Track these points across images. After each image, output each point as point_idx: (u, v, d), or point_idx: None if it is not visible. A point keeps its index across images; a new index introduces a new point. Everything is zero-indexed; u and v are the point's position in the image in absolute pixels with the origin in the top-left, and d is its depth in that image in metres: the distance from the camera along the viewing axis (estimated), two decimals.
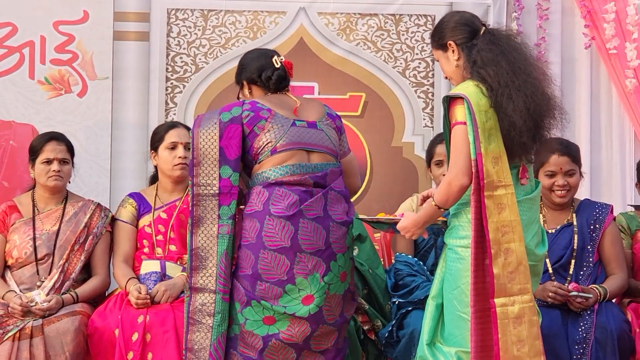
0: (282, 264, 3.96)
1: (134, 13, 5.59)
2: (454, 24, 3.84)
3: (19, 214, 4.75)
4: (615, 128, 5.82)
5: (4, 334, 4.37)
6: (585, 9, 5.73)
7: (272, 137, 4.04)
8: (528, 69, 3.76)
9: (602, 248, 4.72)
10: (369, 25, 5.68)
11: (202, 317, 4.02)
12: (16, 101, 5.52)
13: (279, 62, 4.21)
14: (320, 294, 3.98)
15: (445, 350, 3.77)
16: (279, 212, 3.96)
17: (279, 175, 4.01)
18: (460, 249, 3.77)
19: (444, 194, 3.75)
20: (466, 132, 3.70)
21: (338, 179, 4.11)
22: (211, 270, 4.01)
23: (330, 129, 4.16)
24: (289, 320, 3.98)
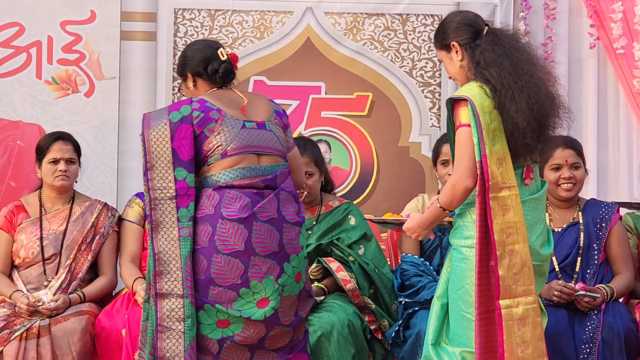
0: (236, 268, 3.91)
1: (141, 13, 5.60)
2: (457, 25, 3.83)
3: (26, 214, 4.76)
4: (622, 127, 5.81)
5: (11, 333, 4.37)
6: (591, 8, 5.72)
7: (223, 140, 3.97)
8: (531, 69, 3.75)
9: (609, 247, 4.71)
10: (375, 25, 5.68)
11: (171, 323, 3.92)
12: (23, 101, 5.52)
13: (225, 55, 4.12)
14: (275, 297, 3.95)
15: (450, 351, 3.77)
16: (232, 215, 3.91)
17: (229, 179, 3.96)
18: (464, 249, 3.77)
19: (449, 196, 3.74)
20: (470, 134, 3.70)
21: (287, 179, 4.08)
22: (176, 274, 3.91)
23: (278, 128, 4.11)
24: (243, 323, 3.95)
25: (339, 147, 5.68)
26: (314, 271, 4.68)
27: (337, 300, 4.59)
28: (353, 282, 4.61)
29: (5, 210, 4.78)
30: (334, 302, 4.59)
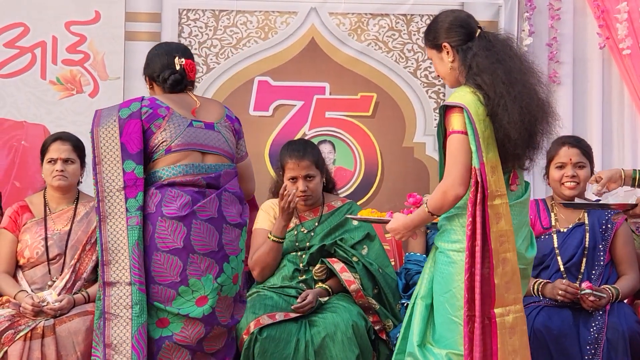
0: (175, 266, 3.95)
1: (146, 13, 5.60)
2: (449, 25, 3.76)
3: (30, 214, 4.76)
4: (627, 128, 5.80)
5: (16, 333, 4.37)
6: (598, 9, 5.71)
7: (168, 136, 4.05)
8: (524, 77, 3.71)
9: (614, 248, 4.71)
10: (380, 25, 5.68)
11: (119, 310, 3.98)
12: (28, 101, 5.53)
13: (179, 65, 4.19)
14: (213, 295, 3.99)
15: (436, 352, 3.75)
16: (171, 213, 3.96)
17: (171, 175, 4.02)
18: (452, 253, 3.74)
19: (439, 202, 3.70)
20: (464, 141, 3.65)
21: (233, 180, 4.11)
22: (124, 262, 3.99)
23: (227, 131, 4.17)
24: (182, 322, 3.98)
25: (343, 148, 5.68)
26: (318, 272, 4.68)
27: (341, 301, 4.59)
28: (357, 283, 4.61)
29: (10, 210, 4.78)
30: (338, 302, 4.59)
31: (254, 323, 4.47)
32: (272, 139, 5.62)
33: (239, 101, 5.61)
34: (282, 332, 4.46)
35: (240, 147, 4.26)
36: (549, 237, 4.71)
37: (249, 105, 5.62)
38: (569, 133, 5.58)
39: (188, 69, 4.21)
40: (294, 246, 4.78)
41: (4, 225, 4.75)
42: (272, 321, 4.47)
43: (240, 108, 5.60)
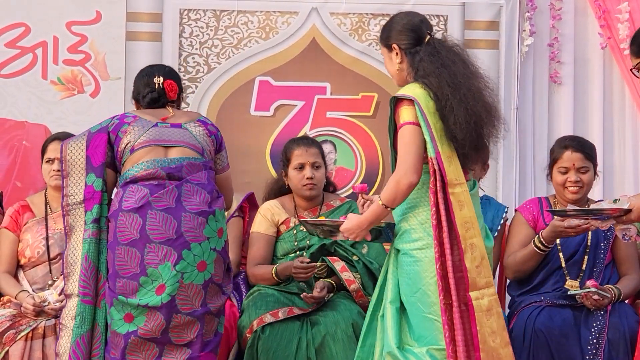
0: (134, 257, 4.02)
1: (147, 13, 5.60)
2: (401, 28, 3.88)
3: (31, 214, 4.77)
4: (628, 128, 5.80)
5: (17, 333, 4.38)
6: (599, 9, 5.71)
7: (132, 137, 4.14)
8: (469, 82, 3.81)
9: (616, 248, 4.70)
10: (381, 25, 5.65)
11: (67, 321, 4.12)
12: (29, 101, 5.53)
13: (157, 83, 4.29)
14: (172, 283, 4.01)
15: (417, 351, 3.79)
16: (129, 206, 4.04)
17: (134, 173, 4.09)
18: (415, 252, 3.78)
19: (392, 193, 3.75)
20: (415, 131, 3.73)
21: (199, 172, 4.14)
22: (77, 275, 4.12)
23: (198, 129, 4.22)
24: (145, 315, 4.02)
25: (345, 148, 5.68)
26: (319, 270, 4.68)
27: (342, 300, 4.59)
28: (357, 283, 4.61)
29: (11, 210, 4.79)
30: (339, 301, 4.59)
31: (257, 321, 4.47)
32: (273, 139, 5.62)
33: (240, 101, 5.61)
34: (285, 331, 4.46)
35: (221, 158, 4.32)
36: None
37: (250, 105, 5.62)
38: (570, 133, 5.59)
39: (167, 88, 4.29)
40: (294, 246, 4.78)
41: (5, 225, 4.76)
42: (275, 319, 4.47)
43: (241, 108, 5.61)
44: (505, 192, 5.63)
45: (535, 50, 5.75)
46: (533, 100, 5.78)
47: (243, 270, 4.93)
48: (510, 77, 5.67)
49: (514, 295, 4.76)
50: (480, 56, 5.60)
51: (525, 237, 4.70)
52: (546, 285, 4.64)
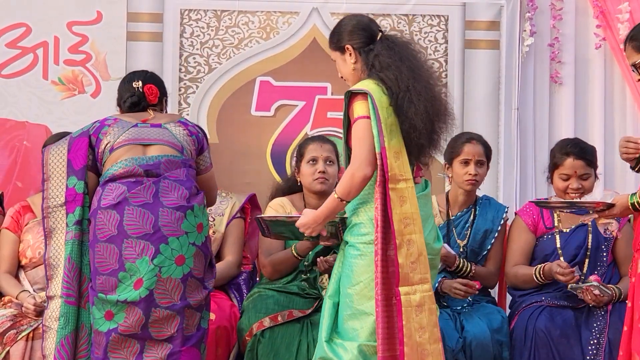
0: (112, 253, 4.04)
1: (147, 14, 5.60)
2: (352, 28, 3.95)
3: (32, 214, 4.77)
4: (629, 128, 5.80)
5: (18, 333, 4.38)
6: (598, 9, 5.71)
7: (111, 138, 4.18)
8: (426, 76, 3.90)
9: (616, 249, 4.71)
10: (382, 25, 5.65)
11: (51, 322, 4.13)
12: (30, 102, 5.53)
13: (137, 88, 4.34)
14: (150, 277, 4.03)
15: (347, 345, 3.83)
16: (106, 204, 4.06)
17: (113, 171, 4.12)
18: (362, 245, 3.84)
19: (347, 186, 3.82)
20: (369, 125, 3.80)
21: (178, 169, 4.16)
22: (60, 277, 4.13)
23: (178, 129, 4.25)
24: (124, 312, 4.03)
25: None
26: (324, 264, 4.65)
27: None
28: None
29: (12, 210, 4.79)
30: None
31: (257, 325, 4.47)
32: (273, 139, 5.62)
33: (241, 101, 5.61)
34: (285, 334, 4.46)
35: (204, 159, 4.32)
36: (551, 237, 4.71)
37: (251, 105, 5.62)
38: (571, 133, 5.59)
39: (147, 92, 4.33)
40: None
41: (6, 226, 4.76)
42: (275, 323, 4.47)
43: (242, 108, 5.61)
44: (505, 192, 5.63)
45: (535, 51, 5.74)
46: (534, 101, 5.78)
47: (244, 271, 4.93)
48: (510, 77, 5.67)
49: (515, 295, 4.76)
50: (481, 56, 5.64)
51: (525, 244, 4.71)
52: (547, 286, 4.64)
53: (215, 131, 5.56)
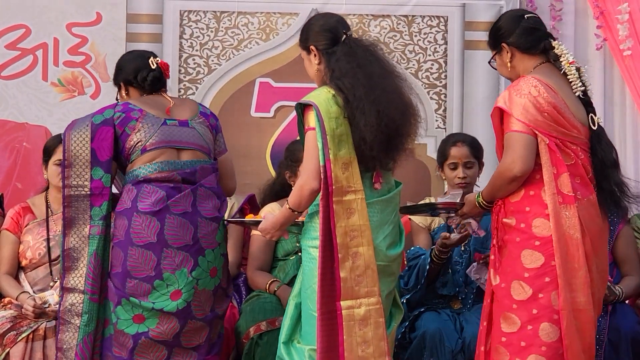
0: (149, 260, 4.00)
1: (147, 15, 5.61)
2: (318, 29, 3.93)
3: (32, 215, 4.76)
4: (629, 129, 5.80)
5: (18, 335, 4.37)
6: (598, 9, 5.71)
7: (142, 136, 4.10)
8: (384, 82, 3.84)
9: (616, 249, 4.71)
10: (381, 26, 5.68)
11: (71, 317, 4.08)
12: (30, 103, 5.54)
13: (155, 64, 4.26)
14: (188, 289, 4.03)
15: (299, 347, 3.84)
16: (146, 208, 4.02)
17: (147, 173, 4.07)
18: (312, 250, 3.84)
19: (297, 198, 3.83)
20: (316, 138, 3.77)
21: (210, 175, 4.14)
22: (82, 270, 4.08)
23: (203, 127, 4.21)
24: (157, 318, 4.02)
25: None
26: None
27: None
28: None
29: (12, 211, 4.79)
30: None
31: (254, 329, 4.47)
32: (273, 140, 5.62)
33: (241, 102, 5.62)
34: None
35: (218, 142, 4.29)
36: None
37: (251, 106, 5.63)
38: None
39: (164, 67, 4.28)
40: (295, 247, 4.77)
41: (6, 227, 4.76)
42: (272, 328, 4.46)
43: (242, 109, 5.61)
44: None
45: None
46: None
47: (243, 272, 4.93)
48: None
49: None
50: (481, 57, 5.64)
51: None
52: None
53: None
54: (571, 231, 3.79)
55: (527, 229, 3.82)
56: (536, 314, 3.79)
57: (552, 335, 3.77)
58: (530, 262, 3.81)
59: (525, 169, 3.79)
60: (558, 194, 3.79)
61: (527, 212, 3.83)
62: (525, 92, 3.81)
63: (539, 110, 3.79)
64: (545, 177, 3.80)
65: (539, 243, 3.80)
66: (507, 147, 3.82)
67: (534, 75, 3.87)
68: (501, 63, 4.01)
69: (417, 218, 4.88)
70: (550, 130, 3.81)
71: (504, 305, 3.85)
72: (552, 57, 3.96)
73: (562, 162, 3.81)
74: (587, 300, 3.80)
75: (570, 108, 3.88)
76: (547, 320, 3.78)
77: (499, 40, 3.98)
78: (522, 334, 3.80)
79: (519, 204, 3.85)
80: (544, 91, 3.81)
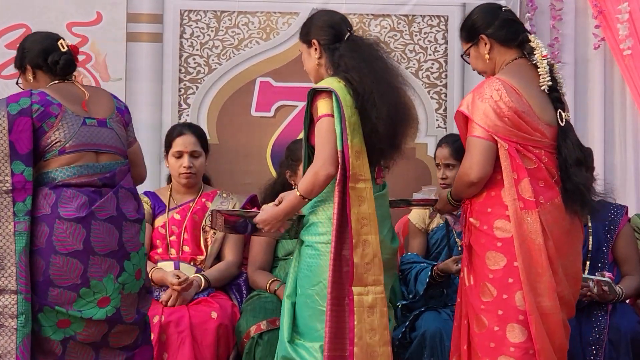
0: (75, 268, 3.84)
1: (147, 14, 5.60)
2: (322, 24, 3.95)
3: None
4: (629, 128, 5.80)
5: None
6: (597, 9, 5.71)
7: (62, 136, 3.90)
8: (389, 78, 3.89)
9: (617, 249, 4.72)
10: (381, 26, 5.68)
11: (4, 320, 3.83)
12: None
13: (66, 46, 4.07)
14: (116, 295, 3.91)
15: (308, 346, 3.82)
16: (69, 214, 3.85)
17: (66, 177, 3.90)
18: (320, 245, 3.83)
19: (310, 184, 3.80)
20: (333, 124, 3.78)
21: (127, 176, 4.04)
22: (10, 270, 3.82)
23: (119, 126, 4.06)
24: (84, 323, 3.88)
25: None
26: None
27: None
28: None
29: None
30: None
31: (255, 328, 4.47)
32: (273, 140, 5.62)
33: (241, 102, 5.61)
34: None
35: (129, 133, 4.15)
36: None
37: (251, 106, 5.62)
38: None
39: (74, 51, 4.10)
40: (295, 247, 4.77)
41: None
42: (273, 327, 4.46)
43: (242, 109, 5.60)
44: None
45: None
46: None
47: (244, 272, 4.93)
48: None
49: None
50: None
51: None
52: None
53: (215, 132, 5.56)
54: (533, 236, 3.78)
55: (489, 231, 3.83)
56: (502, 315, 3.80)
57: (520, 336, 3.78)
58: (494, 264, 3.82)
59: (481, 175, 3.81)
60: (519, 199, 3.79)
61: (489, 214, 3.84)
62: (487, 97, 3.81)
63: (499, 115, 3.78)
64: (505, 183, 3.81)
65: (501, 244, 3.81)
66: (467, 152, 3.85)
67: (499, 77, 3.86)
68: (477, 55, 4.00)
69: (415, 219, 4.89)
70: (511, 136, 3.80)
71: (474, 306, 3.86)
72: (528, 50, 3.93)
73: (522, 168, 3.80)
74: (554, 304, 3.79)
75: (535, 110, 3.84)
76: (513, 321, 3.79)
77: (477, 32, 3.97)
78: (491, 335, 3.81)
79: (482, 205, 3.86)
80: (505, 95, 3.80)
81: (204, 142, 4.92)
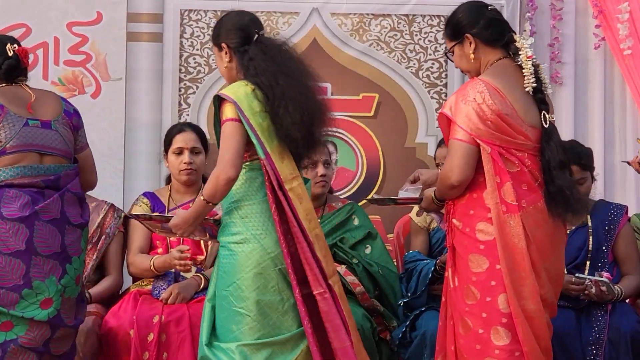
0: (17, 268, 3.83)
1: (147, 14, 5.61)
2: (230, 27, 3.90)
3: None
4: (629, 128, 5.80)
5: None
6: (597, 9, 5.72)
7: (3, 137, 3.90)
8: (301, 79, 3.85)
9: (616, 249, 4.71)
10: (382, 25, 5.68)
11: None
12: None
13: (12, 50, 4.04)
14: (57, 297, 3.89)
15: (225, 347, 3.79)
16: (12, 214, 3.83)
17: (8, 177, 3.89)
18: (233, 245, 3.80)
19: (212, 188, 3.76)
20: (236, 127, 3.75)
21: (74, 180, 4.02)
22: None
23: (65, 129, 4.04)
24: (27, 324, 3.86)
25: (345, 148, 5.68)
26: None
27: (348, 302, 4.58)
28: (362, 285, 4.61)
29: None
30: None
31: None
32: None
33: None
34: None
35: (79, 137, 4.13)
36: None
37: None
38: (571, 134, 5.60)
39: (22, 54, 4.07)
40: None
41: None
42: None
43: None
44: None
45: (535, 51, 5.72)
46: None
47: None
48: None
49: None
50: None
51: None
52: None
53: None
54: (515, 240, 3.74)
55: (472, 233, 3.80)
56: (486, 317, 3.77)
57: (505, 338, 3.75)
58: (477, 267, 3.79)
59: (462, 179, 3.78)
60: (502, 203, 3.74)
61: (472, 216, 3.80)
62: (470, 99, 3.75)
63: (482, 118, 3.74)
64: (488, 187, 3.77)
65: (483, 247, 3.78)
66: (448, 155, 3.81)
67: (483, 78, 3.80)
68: (462, 55, 3.93)
69: (417, 218, 4.89)
70: (493, 139, 3.75)
71: (459, 308, 3.84)
72: (513, 50, 3.89)
73: (505, 171, 3.75)
74: (537, 307, 3.77)
75: (519, 112, 3.79)
76: (497, 323, 3.76)
77: (462, 31, 3.90)
78: (475, 337, 3.79)
79: (465, 207, 3.83)
80: (489, 98, 3.74)
81: (203, 141, 4.92)
